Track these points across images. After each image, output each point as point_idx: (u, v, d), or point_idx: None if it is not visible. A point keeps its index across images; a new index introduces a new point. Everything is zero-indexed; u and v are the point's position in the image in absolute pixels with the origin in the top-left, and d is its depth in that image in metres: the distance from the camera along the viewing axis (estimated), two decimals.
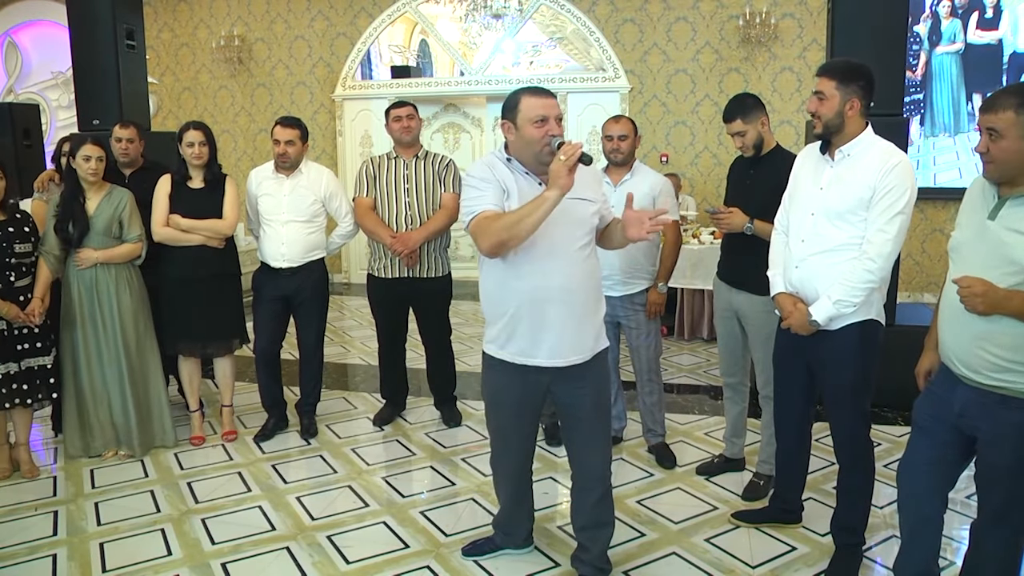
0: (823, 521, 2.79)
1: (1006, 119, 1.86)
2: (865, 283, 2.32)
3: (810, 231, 2.43)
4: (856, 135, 2.38)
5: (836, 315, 2.37)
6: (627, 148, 3.33)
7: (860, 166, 2.36)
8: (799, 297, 2.48)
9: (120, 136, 3.80)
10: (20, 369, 3.30)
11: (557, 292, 2.24)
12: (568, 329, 2.27)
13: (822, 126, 2.40)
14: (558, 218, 2.15)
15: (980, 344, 1.95)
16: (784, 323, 2.51)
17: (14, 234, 3.25)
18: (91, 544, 2.83)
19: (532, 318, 2.26)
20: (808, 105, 2.43)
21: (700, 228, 6.07)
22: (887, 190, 2.29)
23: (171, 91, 8.97)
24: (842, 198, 2.36)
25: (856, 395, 2.47)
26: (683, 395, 4.58)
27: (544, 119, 2.20)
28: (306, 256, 3.72)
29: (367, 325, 6.45)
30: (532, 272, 2.24)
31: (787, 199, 2.62)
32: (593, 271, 2.34)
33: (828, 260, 2.39)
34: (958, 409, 2.04)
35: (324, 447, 3.76)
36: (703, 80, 7.38)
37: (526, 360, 2.31)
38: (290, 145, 3.63)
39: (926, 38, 6.94)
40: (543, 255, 2.23)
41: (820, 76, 2.41)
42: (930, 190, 6.93)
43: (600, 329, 2.37)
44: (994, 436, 1.97)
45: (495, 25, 7.78)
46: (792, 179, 2.61)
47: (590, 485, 2.45)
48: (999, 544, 2.06)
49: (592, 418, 2.40)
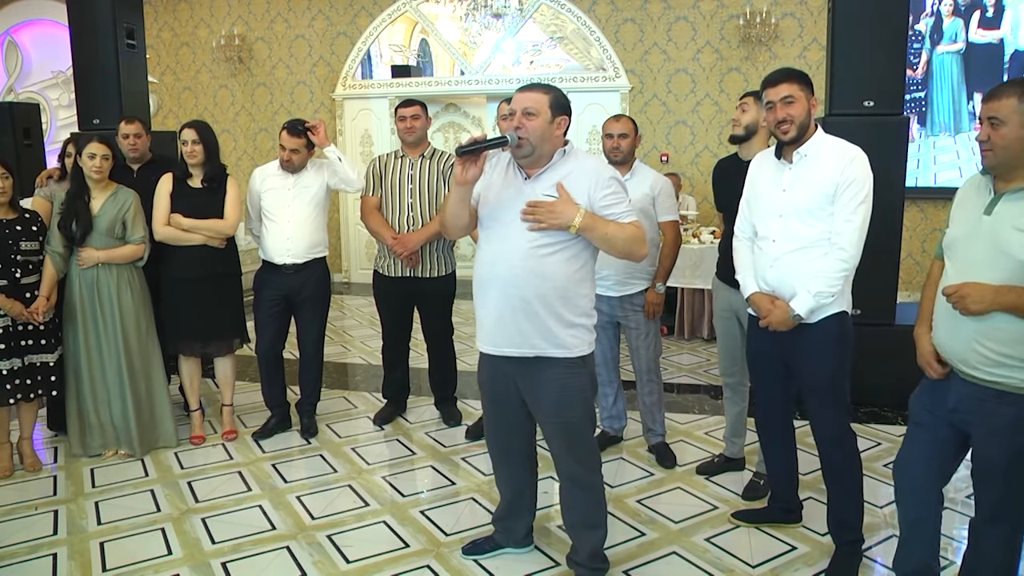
0: (823, 521, 2.78)
1: (1008, 106, 1.90)
2: (840, 272, 2.40)
3: (781, 232, 2.49)
4: (811, 136, 2.48)
5: (817, 307, 2.43)
6: (627, 147, 3.33)
7: (819, 164, 2.44)
8: (775, 295, 2.51)
9: (127, 132, 3.82)
10: (23, 365, 3.32)
11: (498, 280, 2.30)
12: (505, 319, 2.30)
13: (796, 128, 2.45)
14: (515, 208, 2.27)
15: (975, 339, 1.96)
16: (763, 322, 2.53)
17: (21, 232, 3.28)
18: (91, 543, 2.83)
19: (479, 301, 2.38)
20: (777, 112, 2.45)
21: (700, 228, 6.06)
22: (849, 182, 2.38)
23: (171, 90, 8.97)
24: (807, 196, 2.43)
25: (836, 387, 2.51)
26: (683, 395, 4.58)
27: (511, 114, 2.29)
28: (310, 252, 3.72)
29: (367, 324, 6.46)
30: (482, 258, 2.38)
31: (745, 205, 2.69)
32: (558, 275, 2.25)
33: (802, 257, 2.44)
34: (952, 404, 2.06)
35: (324, 446, 3.77)
36: (703, 80, 7.38)
37: (480, 347, 2.42)
38: (295, 153, 3.66)
39: (927, 37, 6.93)
40: (494, 240, 2.33)
41: (783, 82, 2.46)
42: (930, 189, 6.93)
43: (559, 335, 2.28)
44: (989, 431, 1.99)
45: (495, 24, 7.77)
46: (749, 185, 2.68)
47: (565, 483, 2.53)
48: (997, 542, 2.06)
49: (552, 422, 2.41)
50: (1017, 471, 1.98)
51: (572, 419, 2.38)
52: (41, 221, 3.40)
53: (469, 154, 2.21)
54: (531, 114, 2.25)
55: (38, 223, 3.38)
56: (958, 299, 1.92)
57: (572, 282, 2.29)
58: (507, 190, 2.33)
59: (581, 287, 2.32)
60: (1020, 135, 1.89)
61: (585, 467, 2.46)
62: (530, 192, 2.28)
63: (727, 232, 3.25)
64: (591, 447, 2.49)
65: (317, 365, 3.94)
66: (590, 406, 2.45)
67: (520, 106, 2.26)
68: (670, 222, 3.41)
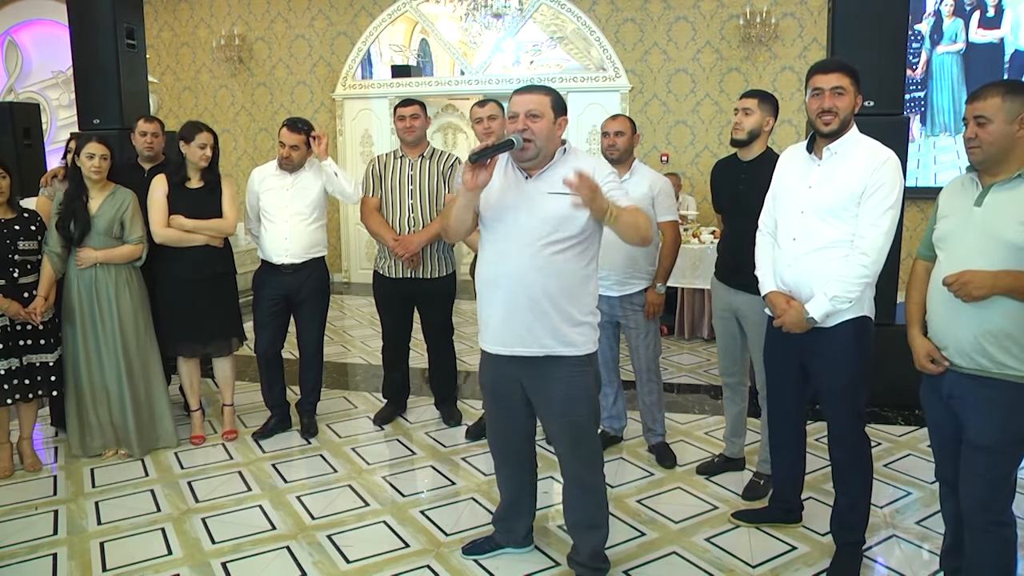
0: (823, 521, 2.79)
1: (994, 105, 2.00)
2: (860, 278, 2.35)
3: (800, 229, 2.45)
4: (845, 133, 2.42)
5: (832, 311, 2.38)
6: (623, 145, 3.34)
7: (849, 163, 2.39)
8: (792, 295, 2.48)
9: (145, 130, 3.84)
10: (21, 365, 3.32)
11: (505, 279, 2.29)
12: (513, 318, 2.30)
13: (839, 122, 2.39)
14: (520, 208, 2.27)
15: (970, 328, 2.03)
16: (777, 321, 2.51)
17: (20, 232, 3.28)
18: (91, 543, 2.83)
19: (485, 302, 2.38)
20: (825, 100, 2.37)
21: (700, 228, 6.06)
22: (878, 186, 2.33)
23: (171, 90, 8.97)
24: (833, 195, 2.39)
25: (852, 392, 2.48)
26: (683, 394, 4.58)
27: (515, 116, 2.28)
28: (308, 252, 3.72)
29: (367, 324, 6.46)
30: (488, 258, 2.37)
31: (771, 200, 2.64)
32: (565, 272, 2.28)
33: (821, 258, 2.40)
34: (947, 391, 2.13)
35: (324, 446, 3.77)
36: (703, 80, 7.38)
37: (486, 347, 2.41)
38: (294, 150, 3.66)
39: (927, 37, 6.93)
40: (499, 240, 2.33)
41: (836, 72, 2.40)
42: (931, 189, 6.91)
43: (568, 333, 2.30)
44: (980, 416, 2.06)
45: (495, 24, 7.77)
46: (776, 180, 2.63)
47: (568, 483, 2.53)
48: (994, 540, 2.10)
49: (559, 420, 2.41)
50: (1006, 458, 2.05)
51: (579, 418, 2.39)
52: (40, 220, 3.40)
53: (480, 159, 2.19)
54: (535, 116, 2.25)
55: (37, 222, 3.38)
56: (960, 286, 1.98)
57: (578, 280, 2.31)
58: (510, 190, 2.33)
59: (587, 285, 2.34)
60: (1005, 131, 2.00)
61: (588, 467, 2.47)
62: (533, 191, 2.29)
63: (726, 232, 3.26)
64: (595, 446, 2.50)
65: (317, 365, 3.94)
66: (596, 404, 2.46)
67: (523, 108, 2.25)
68: (669, 222, 3.41)
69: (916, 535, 2.85)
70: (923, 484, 3.26)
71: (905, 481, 3.31)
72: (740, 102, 3.02)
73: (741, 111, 2.99)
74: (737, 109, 3.01)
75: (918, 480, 3.31)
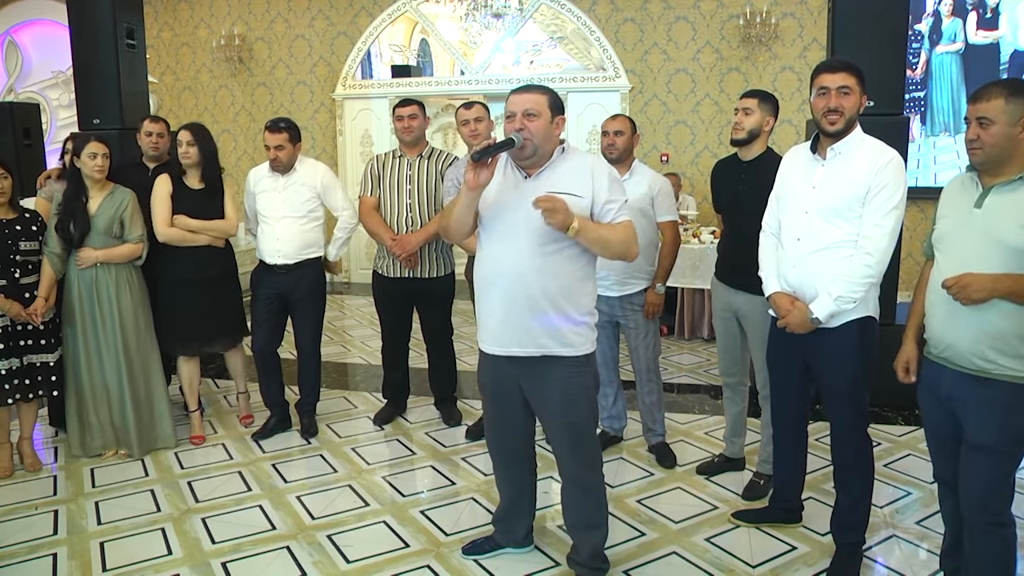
0: (823, 521, 2.79)
1: (996, 106, 1.97)
2: (865, 278, 2.35)
3: (805, 230, 2.44)
4: (850, 133, 2.42)
5: (837, 311, 2.38)
6: (622, 144, 3.33)
7: (853, 163, 2.38)
8: (796, 296, 2.48)
9: (151, 130, 3.87)
10: (22, 365, 3.32)
11: (503, 278, 2.29)
12: (511, 318, 2.29)
13: (844, 121, 2.38)
14: (518, 207, 2.26)
15: (969, 329, 2.02)
16: (781, 322, 2.50)
17: (21, 232, 3.28)
18: (91, 543, 2.83)
19: (482, 301, 2.38)
20: (831, 100, 2.37)
21: (700, 228, 6.06)
22: (882, 186, 2.32)
23: (171, 90, 8.97)
24: (837, 195, 2.38)
25: (855, 392, 2.48)
26: (683, 394, 4.58)
27: (512, 115, 2.27)
28: (302, 253, 3.72)
29: (367, 324, 6.46)
30: (485, 257, 2.36)
31: (774, 200, 2.63)
32: (564, 272, 2.28)
33: (825, 258, 2.40)
34: (946, 392, 2.12)
35: (324, 446, 3.77)
36: (703, 80, 7.38)
37: (484, 347, 2.41)
38: (280, 149, 3.65)
39: (927, 37, 6.93)
40: (497, 240, 2.33)
41: (843, 71, 2.39)
42: (930, 189, 6.91)
43: (566, 333, 2.30)
44: (979, 416, 2.05)
45: (495, 24, 7.77)
46: (780, 180, 2.63)
47: (567, 483, 2.53)
48: (994, 540, 2.09)
49: (558, 421, 2.41)
50: (1006, 458, 2.04)
51: (578, 418, 2.39)
52: (41, 221, 3.40)
53: (482, 158, 2.19)
54: (533, 115, 2.25)
55: (38, 223, 3.38)
56: (959, 289, 1.97)
57: (577, 280, 2.31)
58: (509, 190, 2.33)
59: (585, 285, 2.34)
60: (1007, 133, 1.98)
61: (588, 467, 2.47)
62: (532, 190, 2.27)
63: (726, 232, 3.26)
64: (594, 446, 2.50)
65: (315, 365, 3.94)
66: (594, 404, 2.46)
67: (520, 108, 2.25)
68: (669, 222, 3.41)
69: (916, 535, 2.86)
70: (923, 484, 3.26)
71: (905, 481, 3.31)
72: (740, 102, 3.02)
73: (741, 111, 2.99)
74: (737, 109, 3.02)
75: (918, 480, 3.31)
